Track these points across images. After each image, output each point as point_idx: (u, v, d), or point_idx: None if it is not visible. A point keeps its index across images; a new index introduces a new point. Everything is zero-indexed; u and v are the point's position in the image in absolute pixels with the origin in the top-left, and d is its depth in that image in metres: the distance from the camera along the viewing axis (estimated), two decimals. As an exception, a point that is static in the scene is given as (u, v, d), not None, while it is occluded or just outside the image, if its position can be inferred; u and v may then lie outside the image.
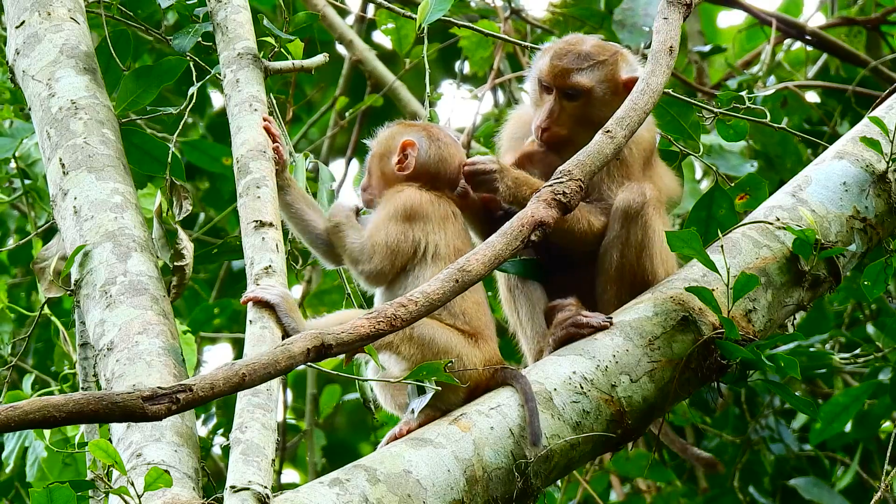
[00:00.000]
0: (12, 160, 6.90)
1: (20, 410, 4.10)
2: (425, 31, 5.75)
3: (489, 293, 5.71)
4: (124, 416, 4.18)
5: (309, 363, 4.45)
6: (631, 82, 5.38)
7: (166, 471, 4.47)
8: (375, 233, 5.13)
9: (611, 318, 5.15)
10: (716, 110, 5.70)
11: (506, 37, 6.72)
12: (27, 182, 7.02)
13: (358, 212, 5.24)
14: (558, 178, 4.90)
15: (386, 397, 5.18)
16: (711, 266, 5.08)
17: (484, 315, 5.13)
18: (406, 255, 5.13)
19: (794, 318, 5.36)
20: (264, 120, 5.22)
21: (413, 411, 4.93)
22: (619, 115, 5.06)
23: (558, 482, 7.02)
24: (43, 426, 4.16)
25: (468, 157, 8.02)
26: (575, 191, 4.89)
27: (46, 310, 6.34)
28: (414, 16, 5.78)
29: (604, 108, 5.37)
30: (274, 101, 5.60)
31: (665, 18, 5.31)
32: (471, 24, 6.67)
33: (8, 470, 7.03)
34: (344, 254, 5.15)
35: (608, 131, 5.02)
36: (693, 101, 5.82)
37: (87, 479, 5.10)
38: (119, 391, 4.20)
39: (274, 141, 5.20)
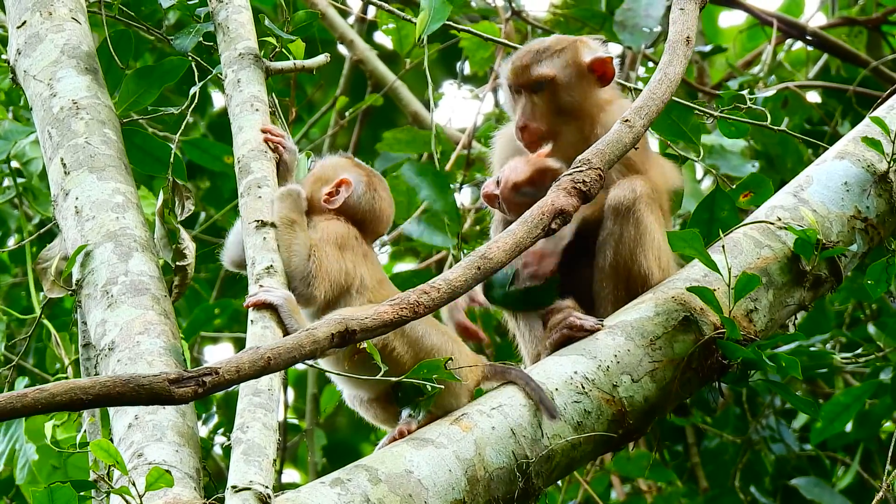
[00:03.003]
0: (9, 160, 6.89)
1: (47, 393, 4.11)
2: (425, 41, 5.75)
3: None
4: (151, 399, 4.18)
5: (329, 350, 4.43)
6: (596, 63, 5.42)
7: (167, 471, 4.47)
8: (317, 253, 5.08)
9: (602, 321, 5.15)
10: (716, 113, 5.70)
11: (504, 41, 6.72)
12: (21, 181, 7.01)
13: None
14: (577, 167, 4.91)
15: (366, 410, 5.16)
16: (713, 266, 5.08)
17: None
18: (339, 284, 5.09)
19: (796, 318, 5.36)
20: (263, 131, 5.21)
21: (411, 413, 4.93)
22: (638, 104, 5.07)
23: (559, 482, 7.02)
24: (70, 409, 4.15)
25: (469, 156, 7.99)
26: (595, 179, 4.88)
27: (37, 311, 6.33)
28: (413, 20, 5.78)
29: (574, 94, 5.41)
30: (276, 101, 5.60)
31: (681, 9, 5.31)
32: (470, 28, 6.67)
33: (-1, 471, 7.02)
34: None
35: (627, 120, 5.03)
36: (694, 102, 5.82)
37: (88, 479, 5.10)
38: (145, 374, 4.20)
39: (275, 148, 5.19)
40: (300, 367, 6.68)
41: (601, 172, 4.91)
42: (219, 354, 9.26)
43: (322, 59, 5.60)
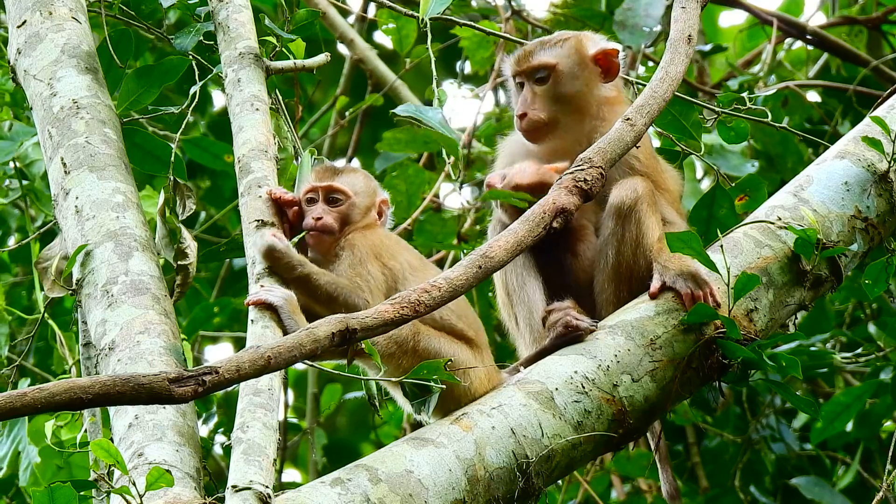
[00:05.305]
0: (11, 161, 6.89)
1: (46, 392, 4.11)
2: (428, 24, 5.71)
3: (490, 293, 5.70)
4: (151, 398, 4.19)
5: (327, 352, 4.42)
6: (601, 56, 5.42)
7: (168, 470, 4.47)
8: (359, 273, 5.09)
9: (596, 323, 5.14)
10: (718, 110, 5.70)
11: (508, 35, 6.71)
12: (24, 183, 7.01)
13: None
14: (579, 166, 4.90)
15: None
16: (712, 266, 5.08)
17: (478, 321, 5.15)
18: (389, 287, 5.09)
19: (796, 318, 5.36)
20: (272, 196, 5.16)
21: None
22: (639, 102, 5.07)
23: (559, 482, 7.02)
24: (69, 408, 4.15)
25: (469, 156, 7.98)
26: (596, 178, 4.89)
27: (41, 309, 6.32)
28: (415, 14, 5.77)
29: (576, 84, 5.42)
30: (280, 99, 5.60)
31: (683, 7, 5.31)
32: (472, 24, 6.66)
33: (0, 474, 7.01)
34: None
35: (628, 119, 5.02)
36: (695, 100, 5.81)
37: (88, 478, 5.10)
38: (145, 373, 4.20)
39: (290, 204, 5.14)
40: (300, 366, 6.68)
41: (602, 171, 4.91)
42: (219, 354, 9.27)
43: (322, 58, 5.60)
